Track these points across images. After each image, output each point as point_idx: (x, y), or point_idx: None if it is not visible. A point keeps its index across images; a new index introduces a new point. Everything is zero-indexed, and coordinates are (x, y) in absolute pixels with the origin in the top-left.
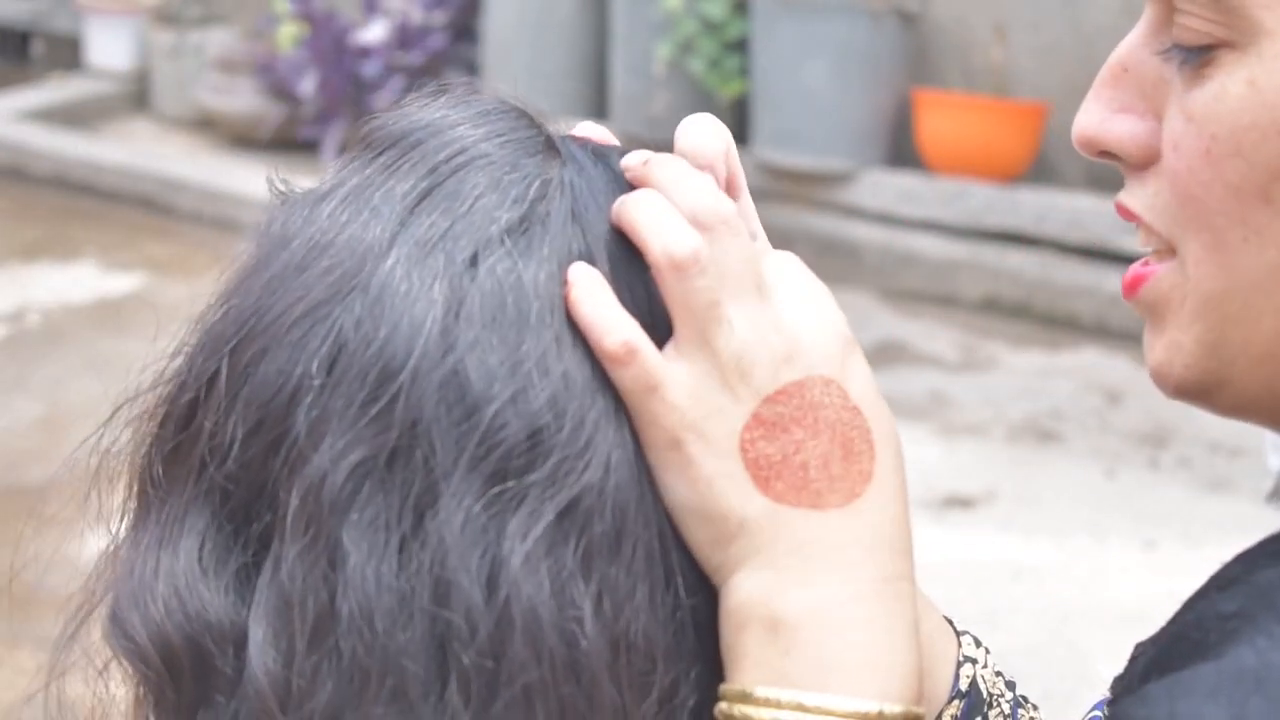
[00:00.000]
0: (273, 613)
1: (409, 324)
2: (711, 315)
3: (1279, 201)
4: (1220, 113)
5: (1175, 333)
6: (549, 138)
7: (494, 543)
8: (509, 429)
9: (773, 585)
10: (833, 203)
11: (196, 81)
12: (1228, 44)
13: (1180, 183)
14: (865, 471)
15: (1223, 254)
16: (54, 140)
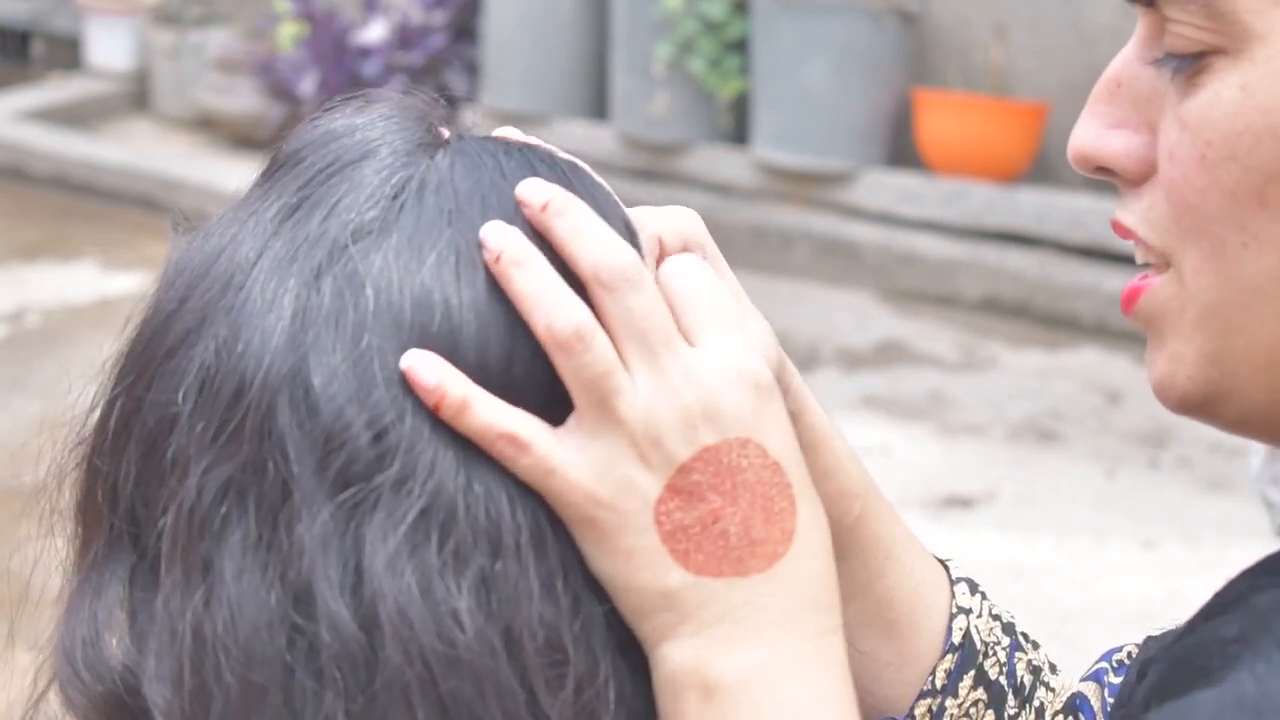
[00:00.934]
0: (161, 645)
1: (260, 338)
2: (606, 387)
3: (1275, 205)
4: (1214, 119)
5: (1177, 344)
6: (433, 135)
7: (353, 548)
8: (352, 429)
9: (702, 653)
10: (833, 202)
11: (196, 81)
12: (1220, 50)
13: (1176, 191)
14: (787, 530)
15: (1222, 262)
16: (54, 140)
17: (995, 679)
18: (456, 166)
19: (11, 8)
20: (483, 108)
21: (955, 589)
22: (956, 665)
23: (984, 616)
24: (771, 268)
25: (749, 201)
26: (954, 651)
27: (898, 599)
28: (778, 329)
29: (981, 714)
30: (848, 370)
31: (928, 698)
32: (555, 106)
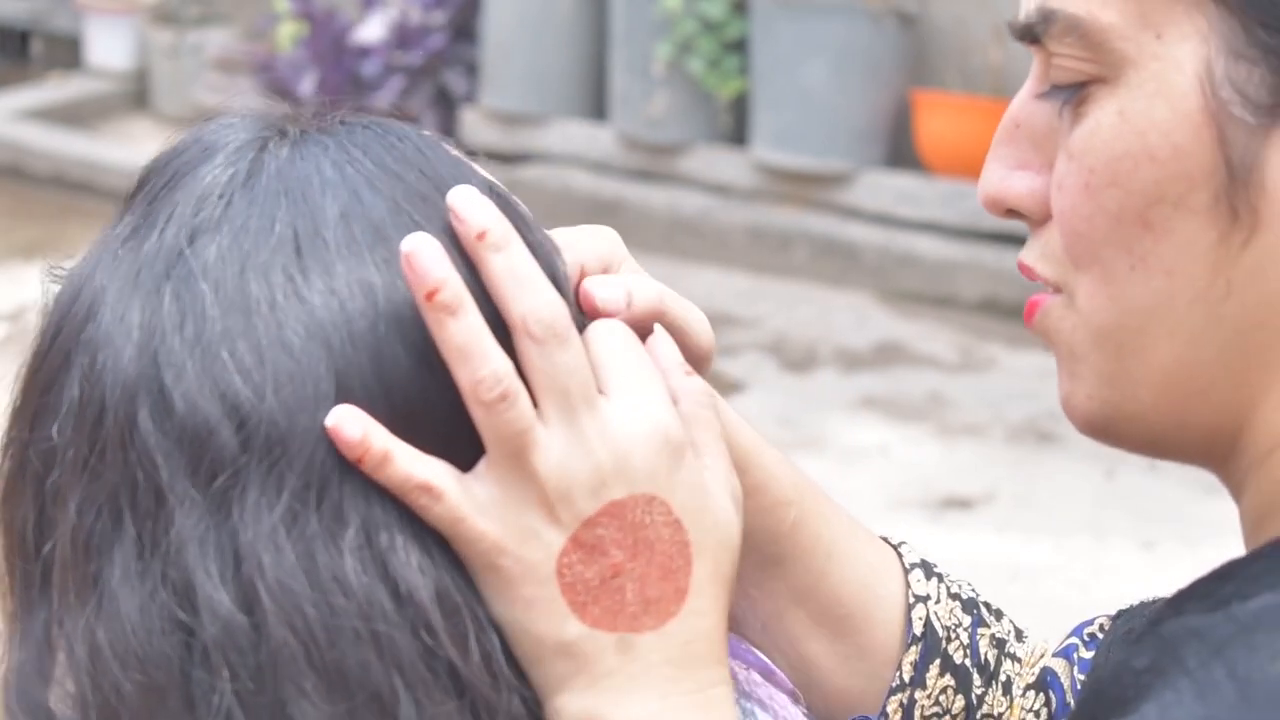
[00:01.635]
0: (63, 670)
1: (114, 358)
2: (522, 442)
3: (1159, 227)
4: (1095, 145)
5: (1072, 363)
6: (275, 131)
7: (229, 534)
8: (210, 419)
9: (593, 706)
10: (831, 203)
11: (196, 81)
12: (1099, 79)
13: (1066, 220)
14: (681, 589)
15: (1112, 285)
16: (53, 139)
17: (960, 662)
18: (294, 153)
19: (11, 7)
20: (482, 108)
21: (910, 576)
22: (921, 655)
23: (942, 601)
24: (770, 268)
25: (748, 202)
26: (917, 643)
27: (846, 594)
28: (775, 330)
29: (952, 700)
30: (846, 371)
31: (898, 693)
32: (554, 106)
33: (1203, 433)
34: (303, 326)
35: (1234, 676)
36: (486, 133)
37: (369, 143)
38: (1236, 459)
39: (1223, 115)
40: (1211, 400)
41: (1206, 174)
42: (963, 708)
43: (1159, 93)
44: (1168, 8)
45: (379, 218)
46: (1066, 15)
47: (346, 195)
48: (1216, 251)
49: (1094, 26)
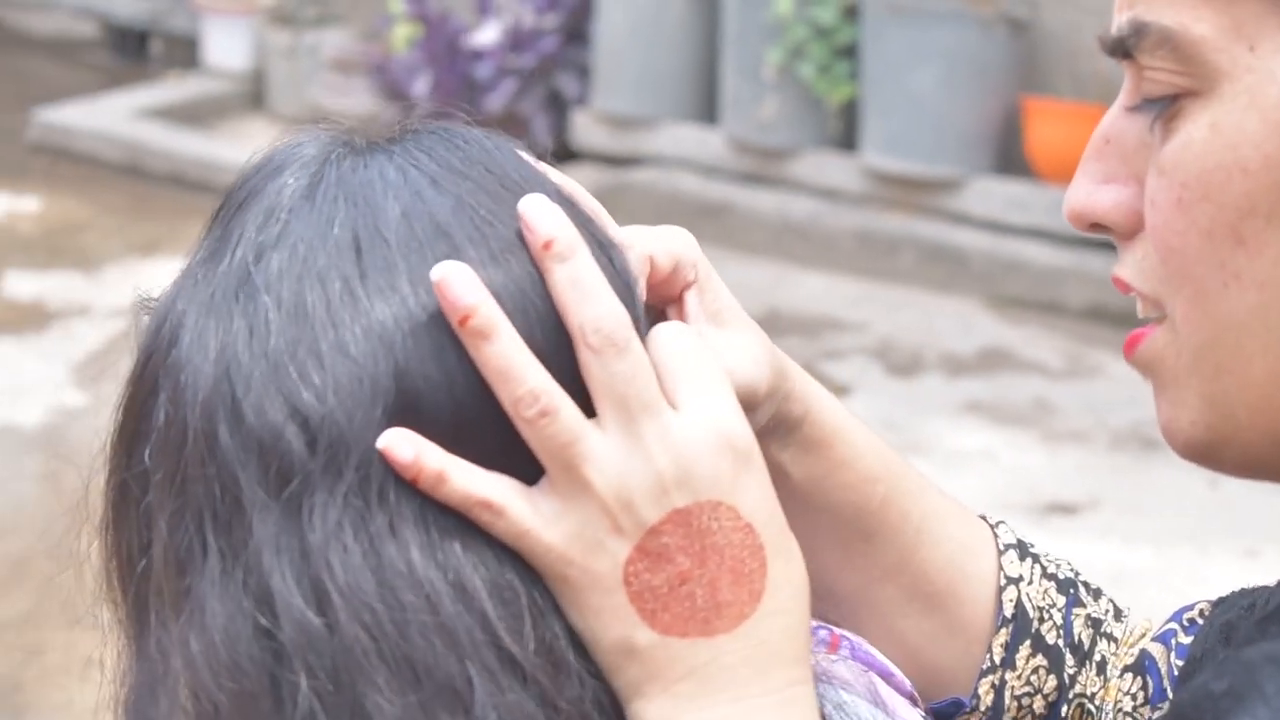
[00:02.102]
0: (163, 687)
1: (194, 379)
2: (572, 454)
3: (1252, 242)
4: (1187, 160)
5: (1175, 390)
6: (346, 145)
7: (300, 537)
8: (278, 426)
9: (669, 711)
10: (940, 209)
11: (311, 81)
12: (1191, 92)
13: (1159, 236)
14: (756, 590)
15: (1206, 302)
16: (171, 139)
17: (1053, 643)
18: (357, 161)
19: (130, 7)
20: (593, 110)
21: (1004, 558)
22: (1011, 637)
23: (1035, 582)
24: (877, 273)
25: (856, 206)
26: (1007, 625)
27: (934, 570)
28: (881, 335)
29: (1044, 680)
30: (951, 376)
31: (989, 675)
32: (665, 109)
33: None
34: (360, 328)
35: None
36: (598, 135)
37: (434, 146)
38: None
39: None
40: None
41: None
42: (1054, 687)
43: (1252, 105)
44: (1261, 19)
45: (442, 216)
46: (1159, 28)
47: (409, 195)
48: None
49: (1186, 39)
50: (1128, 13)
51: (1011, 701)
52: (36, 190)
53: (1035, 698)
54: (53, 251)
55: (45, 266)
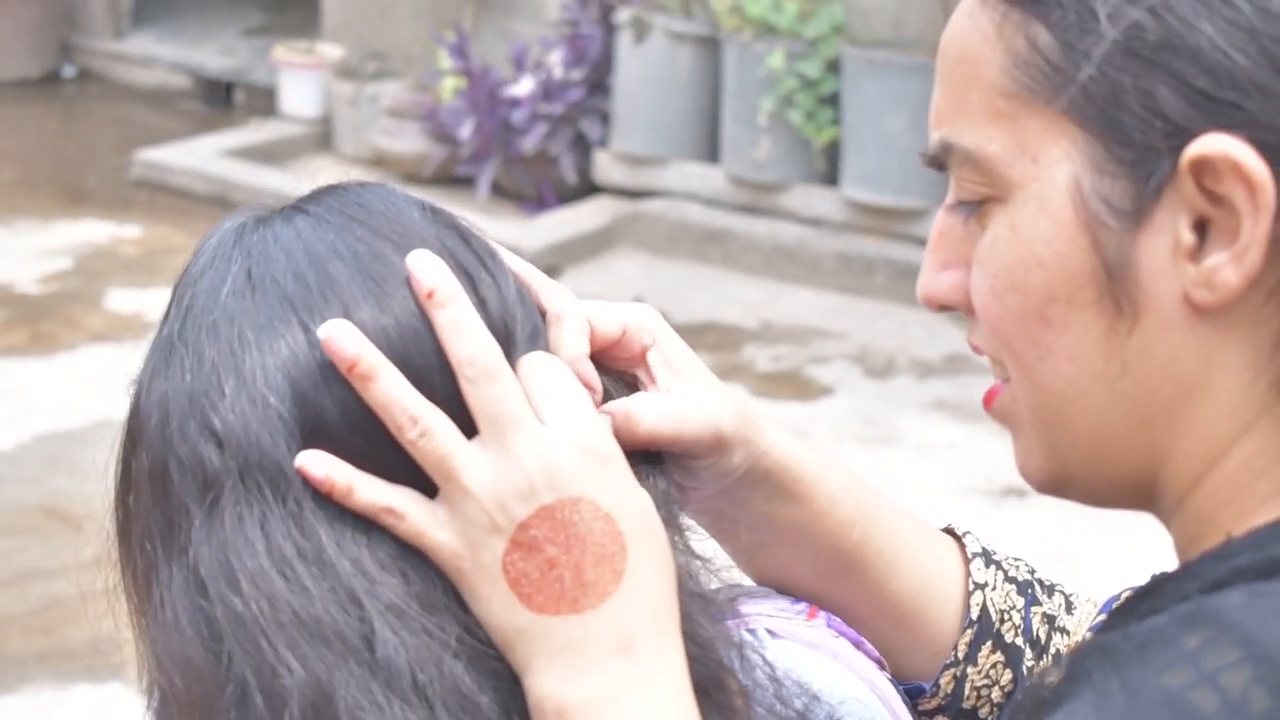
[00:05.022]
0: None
1: (151, 426)
2: (448, 466)
3: (1057, 322)
4: (995, 256)
5: (1022, 439)
6: (240, 226)
7: (218, 535)
8: (195, 445)
9: (552, 684)
10: (909, 234)
11: (371, 126)
12: (994, 198)
13: (983, 318)
14: (618, 570)
15: (1029, 373)
16: (252, 174)
17: (1012, 641)
18: (259, 228)
19: (218, 63)
20: (613, 150)
21: (971, 565)
22: (975, 637)
23: (998, 588)
24: (856, 290)
25: (838, 233)
26: (972, 626)
27: (905, 598)
28: (860, 342)
29: (1001, 673)
30: (920, 378)
31: (951, 668)
32: (673, 150)
33: (1128, 488)
34: (254, 362)
35: (1125, 688)
36: (616, 172)
37: (333, 205)
38: (1159, 505)
39: (1094, 223)
40: (1127, 461)
41: (1088, 274)
42: (1010, 679)
43: (1040, 209)
44: (1040, 134)
45: (330, 263)
46: (960, 148)
47: (300, 247)
48: (1108, 338)
49: (982, 156)
50: (937, 133)
51: (971, 691)
52: (138, 219)
53: (993, 689)
54: (151, 271)
55: (144, 284)
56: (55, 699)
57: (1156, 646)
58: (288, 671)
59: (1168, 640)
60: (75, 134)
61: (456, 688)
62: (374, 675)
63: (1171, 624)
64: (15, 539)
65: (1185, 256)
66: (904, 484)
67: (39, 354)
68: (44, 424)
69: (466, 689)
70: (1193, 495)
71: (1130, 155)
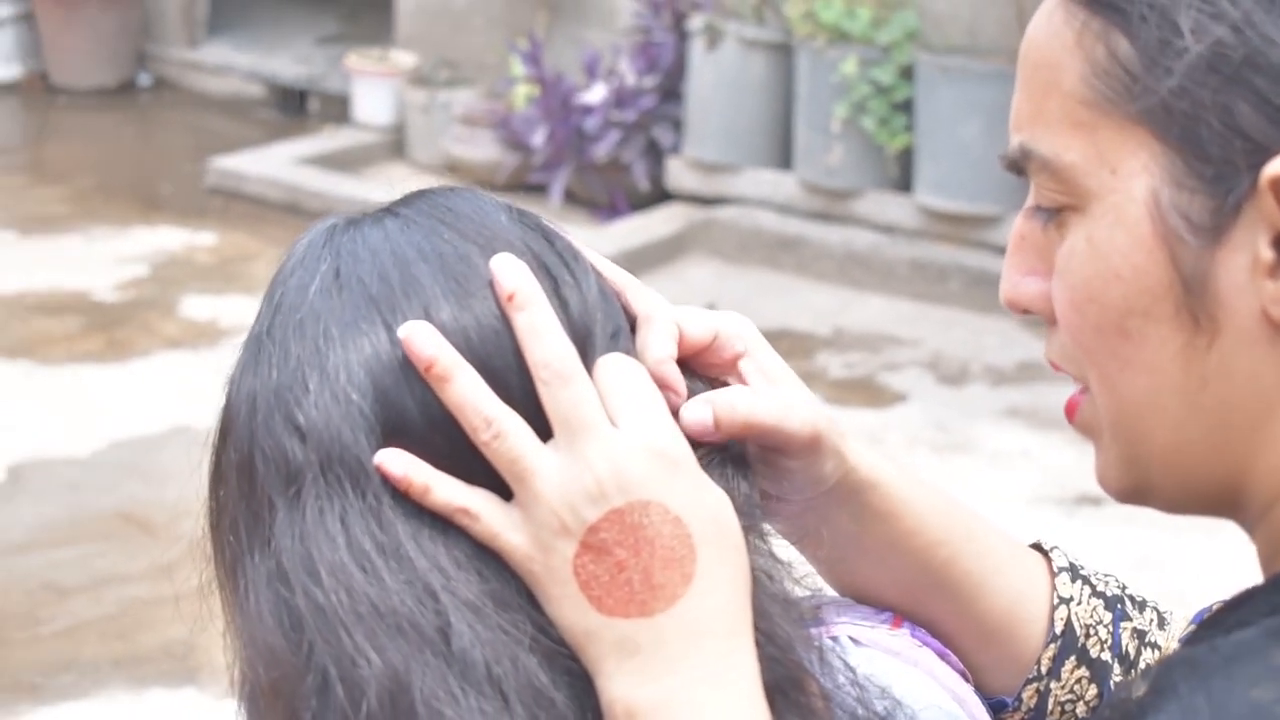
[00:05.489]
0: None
1: (240, 420)
2: (519, 469)
3: (1135, 335)
4: (1073, 267)
5: (1103, 452)
6: (336, 223)
7: (299, 527)
8: (280, 438)
9: (623, 686)
10: (983, 242)
11: (444, 133)
12: (1072, 207)
13: (1064, 328)
14: (687, 573)
15: (1109, 385)
16: (325, 182)
17: (1097, 656)
18: (348, 230)
19: (292, 70)
20: (685, 158)
21: (1057, 580)
22: (1059, 652)
23: (1084, 602)
24: (929, 297)
25: (911, 240)
26: (1055, 641)
27: (992, 618)
28: (933, 350)
29: (1086, 688)
30: (994, 385)
31: (1034, 682)
32: (746, 158)
33: (1209, 498)
34: (337, 360)
35: (1211, 701)
36: (689, 179)
37: (421, 209)
38: (1243, 514)
39: (1171, 238)
40: (1207, 473)
41: (1165, 288)
42: (1096, 694)
43: (1118, 221)
44: (1119, 146)
45: (416, 265)
46: (1039, 155)
47: (387, 250)
48: (1187, 353)
49: (1060, 165)
50: (1017, 137)
51: (1055, 706)
52: (213, 227)
53: (1078, 704)
54: (226, 278)
55: (220, 291)
56: (130, 704)
57: (1244, 660)
58: (366, 662)
59: (1256, 653)
60: (151, 142)
61: (531, 683)
62: (450, 667)
63: (1260, 637)
64: (91, 545)
65: (1264, 273)
66: (978, 492)
67: (115, 360)
68: (119, 430)
69: (541, 684)
70: (1276, 508)
71: (1209, 171)
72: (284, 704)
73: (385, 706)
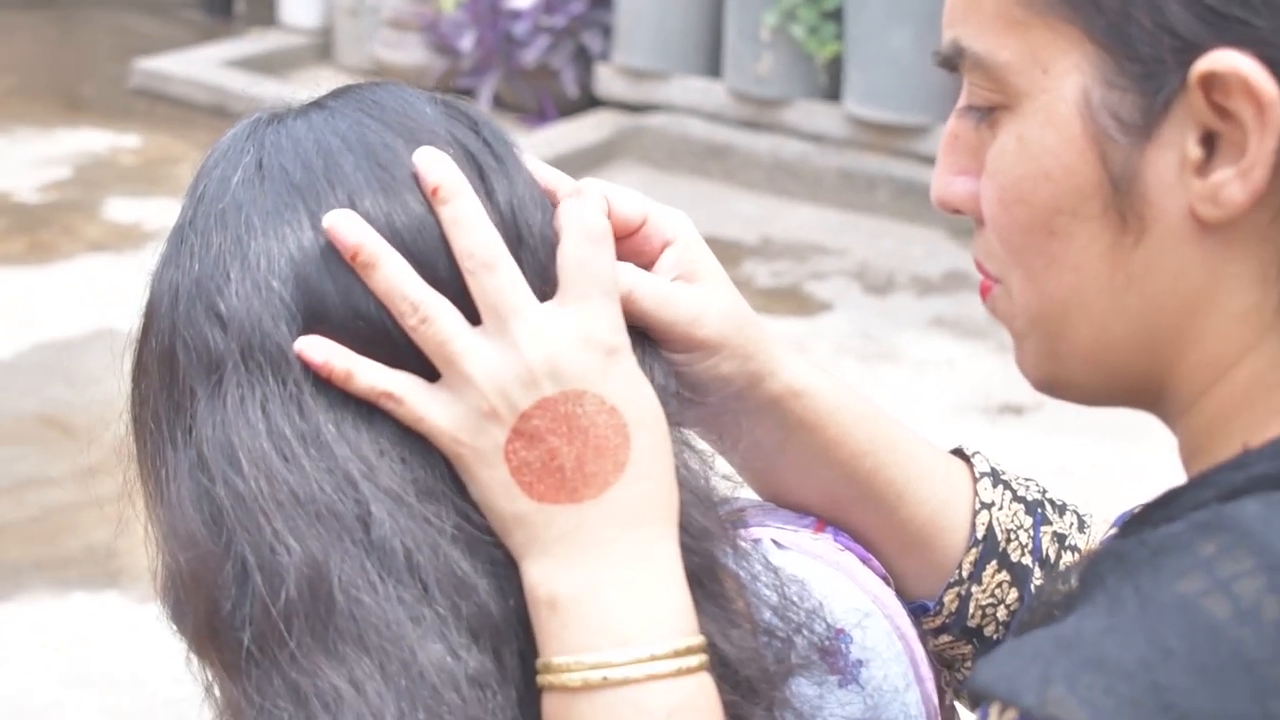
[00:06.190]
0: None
1: (162, 310)
2: (448, 352)
3: (1062, 234)
4: (1003, 167)
5: (1020, 343)
6: (254, 123)
7: (220, 415)
8: (201, 327)
9: (547, 570)
10: (912, 152)
11: (372, 37)
12: (1003, 106)
13: (991, 227)
14: (620, 461)
15: (1034, 281)
16: (252, 85)
17: (1018, 560)
18: (273, 124)
19: None
20: (615, 64)
21: (979, 485)
22: (980, 556)
23: (1005, 507)
24: (857, 206)
25: (839, 149)
26: (977, 545)
27: (914, 526)
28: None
29: (1006, 592)
30: (920, 295)
31: (955, 586)
32: (676, 65)
33: (1130, 393)
34: (259, 250)
35: (1139, 594)
36: (618, 86)
37: (348, 102)
38: (1164, 409)
39: (1101, 137)
40: (1130, 369)
41: (1094, 187)
42: (1016, 598)
43: (1049, 121)
44: (1051, 44)
45: (341, 156)
46: (972, 53)
47: (311, 141)
48: (1113, 251)
49: (993, 63)
50: (949, 33)
51: (976, 610)
52: (137, 129)
53: (999, 607)
54: (151, 181)
55: (144, 194)
56: (52, 606)
57: (1171, 553)
58: (285, 550)
59: (1183, 547)
60: (73, 42)
61: (452, 571)
62: (369, 555)
63: (1187, 531)
64: (13, 448)
65: (1192, 171)
66: (902, 400)
67: (37, 263)
68: (42, 333)
69: (463, 572)
70: (1199, 405)
71: (1139, 69)
72: (204, 594)
73: (304, 594)
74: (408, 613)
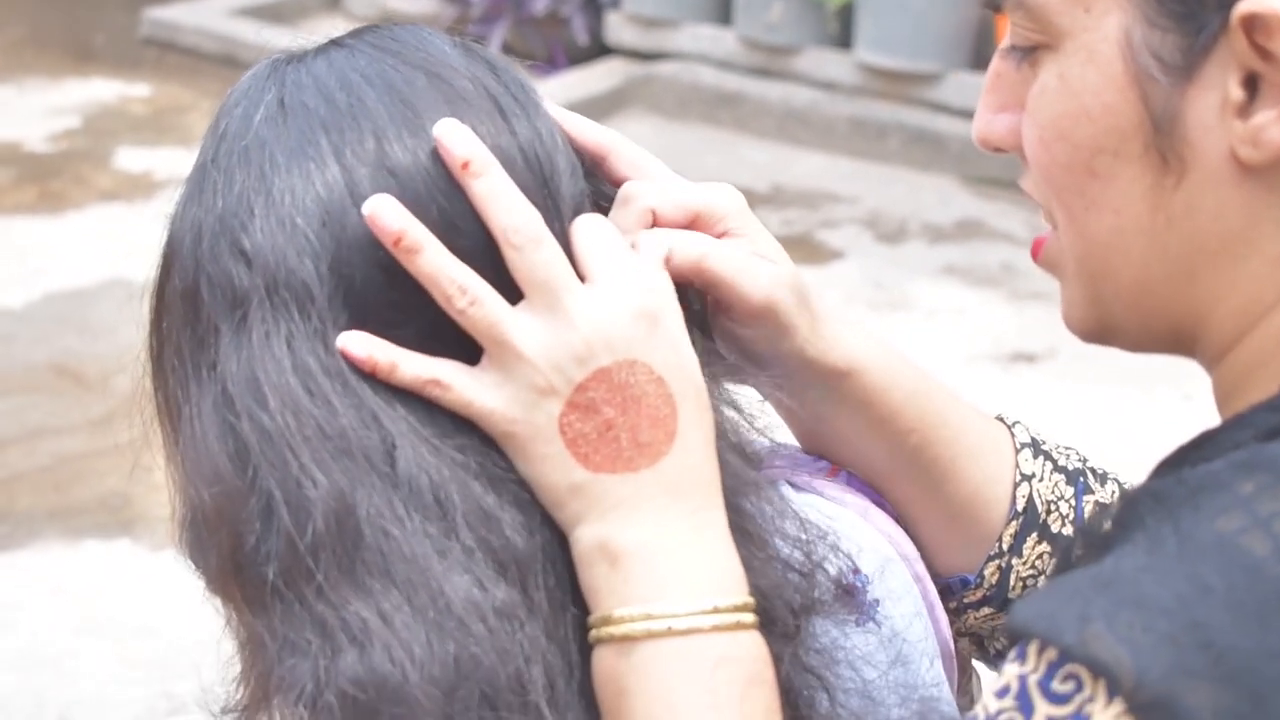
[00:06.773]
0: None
1: (184, 248)
2: (498, 333)
3: (1103, 174)
4: (1044, 105)
5: (1067, 290)
6: (274, 63)
7: (245, 351)
8: (225, 263)
9: (605, 531)
10: (923, 99)
11: None
12: (1045, 45)
13: (1033, 166)
14: (670, 431)
15: (1075, 222)
16: (261, 34)
17: (1059, 531)
18: (294, 64)
19: None
20: (624, 12)
21: (1020, 455)
22: (1020, 529)
23: (1045, 479)
24: (868, 154)
25: (850, 97)
26: (1017, 518)
27: (957, 502)
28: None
29: (1047, 564)
30: (932, 243)
31: (996, 559)
32: (686, 12)
33: (1169, 337)
34: (284, 187)
35: (1178, 533)
36: (628, 33)
37: (370, 41)
38: (1200, 353)
39: (1142, 77)
40: (1169, 312)
41: (1135, 127)
42: None
43: (1090, 60)
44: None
45: (364, 92)
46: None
47: (334, 79)
48: (1154, 192)
49: (1035, 3)
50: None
51: (1016, 581)
52: (147, 78)
53: (1039, 579)
54: (161, 130)
55: (154, 144)
56: (65, 554)
57: (1210, 491)
58: (311, 483)
59: (1222, 485)
60: None
61: (478, 505)
62: (395, 489)
63: (1226, 470)
64: (25, 397)
65: (1233, 113)
66: (914, 349)
67: (48, 213)
68: (53, 283)
69: (488, 506)
70: (1237, 349)
71: (1180, 9)
72: (228, 530)
73: (331, 528)
74: (434, 546)
